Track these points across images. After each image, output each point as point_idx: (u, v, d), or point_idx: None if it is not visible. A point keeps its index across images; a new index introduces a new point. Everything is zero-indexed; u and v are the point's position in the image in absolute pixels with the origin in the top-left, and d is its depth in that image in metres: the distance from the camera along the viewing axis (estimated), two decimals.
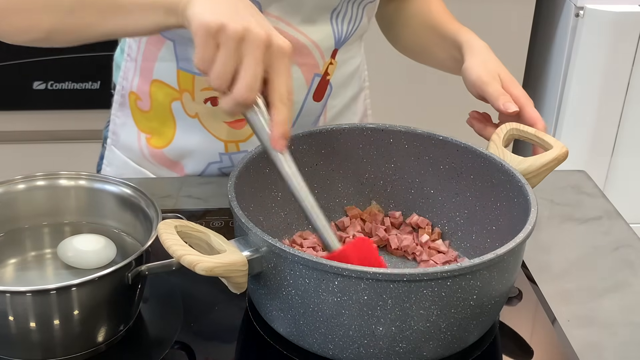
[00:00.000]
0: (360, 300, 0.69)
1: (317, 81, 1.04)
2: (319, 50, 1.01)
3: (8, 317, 0.71)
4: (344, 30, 1.03)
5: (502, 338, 0.81)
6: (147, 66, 1.05)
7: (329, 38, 1.02)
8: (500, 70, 0.97)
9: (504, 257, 0.71)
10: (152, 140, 1.08)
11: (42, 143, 2.11)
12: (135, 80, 1.07)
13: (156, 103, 1.06)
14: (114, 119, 1.12)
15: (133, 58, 1.07)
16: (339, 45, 1.04)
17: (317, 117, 1.08)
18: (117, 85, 1.11)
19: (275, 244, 0.70)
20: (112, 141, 1.13)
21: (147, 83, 1.06)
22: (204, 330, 0.81)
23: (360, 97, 1.15)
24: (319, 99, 1.06)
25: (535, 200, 0.79)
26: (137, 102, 1.08)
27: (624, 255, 0.97)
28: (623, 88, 2.10)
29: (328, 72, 1.05)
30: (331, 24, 1.01)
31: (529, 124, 0.93)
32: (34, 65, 1.97)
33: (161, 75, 1.04)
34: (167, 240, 0.70)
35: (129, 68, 1.08)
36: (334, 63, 1.05)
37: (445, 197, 0.92)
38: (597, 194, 1.10)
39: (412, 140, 0.92)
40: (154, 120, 1.07)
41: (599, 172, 2.19)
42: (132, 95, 1.08)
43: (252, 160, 0.85)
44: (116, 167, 1.14)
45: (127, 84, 1.08)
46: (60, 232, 0.86)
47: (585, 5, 2.05)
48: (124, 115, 1.10)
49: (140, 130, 1.09)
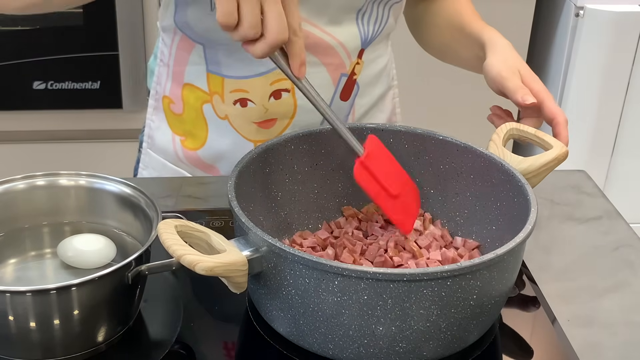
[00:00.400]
0: (360, 300, 0.69)
1: (344, 81, 1.05)
2: (345, 51, 1.03)
3: (8, 316, 0.71)
4: (370, 31, 1.04)
5: (502, 338, 0.81)
6: (179, 70, 1.07)
7: (355, 38, 1.03)
8: (521, 66, 0.98)
9: (504, 257, 0.71)
10: (187, 142, 1.10)
11: (42, 143, 2.11)
12: (168, 84, 1.09)
13: (188, 106, 1.07)
14: (149, 123, 1.14)
15: (165, 63, 1.08)
16: (366, 45, 1.05)
17: (346, 116, 1.09)
18: (151, 90, 1.13)
19: (275, 244, 0.70)
20: (148, 145, 1.15)
21: (179, 87, 1.07)
22: (204, 330, 0.81)
23: (389, 96, 1.16)
24: (346, 98, 1.07)
25: (535, 200, 0.79)
26: (171, 105, 1.09)
27: (624, 255, 0.97)
28: (623, 88, 2.10)
29: (355, 72, 1.06)
30: (357, 24, 1.02)
31: (549, 118, 0.93)
32: (34, 65, 1.98)
33: (192, 79, 1.06)
34: (167, 240, 0.70)
35: (161, 73, 1.10)
36: (360, 63, 1.06)
37: (445, 197, 0.92)
38: (597, 194, 1.10)
39: (412, 140, 0.92)
40: (187, 123, 1.09)
41: (599, 172, 2.19)
42: (165, 100, 1.10)
43: (252, 160, 0.85)
44: (152, 170, 1.15)
45: (161, 89, 1.10)
46: (60, 231, 0.86)
47: (585, 5, 2.05)
48: (159, 119, 1.12)
49: (174, 133, 1.11)
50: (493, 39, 1.02)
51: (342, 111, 1.08)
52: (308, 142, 0.91)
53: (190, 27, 1.02)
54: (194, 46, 1.03)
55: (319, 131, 0.91)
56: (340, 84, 1.05)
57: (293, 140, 0.90)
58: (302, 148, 0.90)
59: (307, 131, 0.91)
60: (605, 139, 2.16)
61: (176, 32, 1.05)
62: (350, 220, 0.93)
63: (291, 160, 0.90)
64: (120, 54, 1.99)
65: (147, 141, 1.14)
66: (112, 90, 2.03)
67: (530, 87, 0.95)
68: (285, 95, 1.03)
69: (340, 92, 1.06)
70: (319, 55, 1.01)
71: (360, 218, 0.93)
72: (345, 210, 0.94)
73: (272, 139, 0.89)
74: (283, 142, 0.89)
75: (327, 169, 0.93)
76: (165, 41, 1.08)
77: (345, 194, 0.94)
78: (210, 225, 0.96)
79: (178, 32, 1.04)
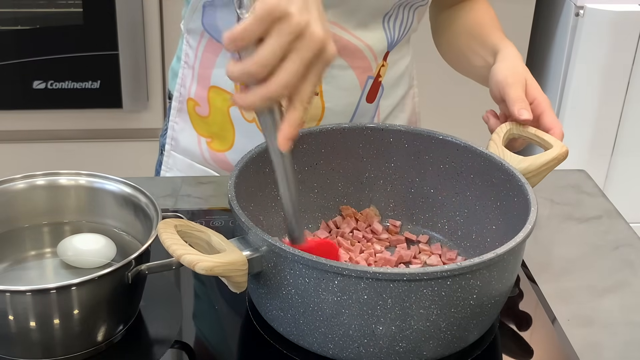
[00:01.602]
0: (360, 299, 0.69)
1: (370, 83, 1.06)
2: (372, 53, 1.03)
3: (8, 316, 0.71)
4: (395, 33, 1.05)
5: (502, 337, 0.81)
6: (205, 73, 1.06)
7: (382, 41, 1.03)
8: (528, 76, 0.98)
9: (504, 257, 0.71)
10: (213, 144, 1.09)
11: (42, 142, 2.11)
12: (193, 87, 1.08)
13: (214, 109, 1.07)
14: (172, 126, 1.13)
15: (190, 65, 1.08)
16: (391, 48, 1.06)
17: (371, 117, 1.09)
18: (174, 92, 1.11)
19: (275, 244, 0.70)
20: (172, 147, 1.14)
21: (205, 89, 1.07)
22: (203, 329, 0.81)
23: (409, 95, 1.17)
24: (371, 100, 1.07)
25: (535, 199, 0.79)
26: (196, 108, 1.09)
27: (624, 254, 0.97)
28: (623, 87, 2.10)
29: (380, 74, 1.06)
30: (383, 28, 1.03)
31: (547, 129, 0.93)
32: (34, 64, 1.98)
33: (219, 82, 1.05)
34: (167, 239, 0.70)
35: (186, 75, 1.09)
36: (385, 65, 1.06)
37: (445, 197, 0.92)
38: (597, 194, 1.10)
39: (412, 140, 0.92)
40: (213, 125, 1.08)
41: (599, 171, 2.19)
42: (190, 102, 1.09)
43: (252, 159, 0.85)
44: (178, 171, 1.14)
45: (185, 91, 1.09)
46: (60, 231, 0.86)
47: (586, 5, 2.05)
48: (183, 121, 1.11)
49: (200, 134, 1.10)
50: (507, 48, 1.03)
51: (368, 113, 1.08)
52: (308, 142, 0.91)
53: (219, 30, 1.01)
54: (221, 49, 1.03)
55: (319, 131, 0.91)
56: (367, 86, 1.05)
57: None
58: (302, 148, 0.90)
59: (306, 131, 0.90)
60: (605, 139, 2.16)
61: (203, 34, 1.04)
62: (348, 219, 0.93)
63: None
64: (120, 53, 1.99)
65: (171, 143, 1.13)
66: (112, 89, 2.03)
67: (534, 96, 0.95)
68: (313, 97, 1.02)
69: (366, 94, 1.06)
70: (347, 58, 1.02)
71: (358, 218, 0.93)
72: (344, 210, 0.94)
73: None
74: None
75: (327, 169, 0.93)
76: (190, 43, 1.07)
77: (345, 194, 0.94)
78: (210, 224, 0.96)
79: (205, 35, 1.04)
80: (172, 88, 1.13)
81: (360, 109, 1.06)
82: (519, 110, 0.93)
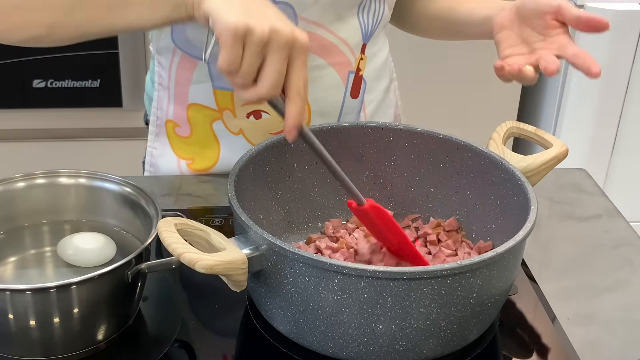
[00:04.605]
0: (360, 298, 0.69)
1: (352, 78, 1.05)
2: (348, 47, 1.03)
3: (8, 315, 0.71)
4: (369, 24, 1.04)
5: (502, 336, 0.81)
6: (182, 92, 1.04)
7: (356, 33, 1.03)
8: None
9: (504, 256, 0.71)
10: (194, 164, 1.08)
11: (42, 141, 2.11)
12: (170, 108, 1.06)
13: (196, 127, 1.05)
14: (150, 151, 1.10)
15: (165, 86, 1.06)
16: (367, 40, 1.05)
17: (357, 113, 1.09)
18: (150, 116, 1.09)
19: (275, 242, 0.70)
20: (151, 173, 1.12)
21: (183, 108, 1.05)
22: (203, 328, 0.81)
23: (391, 89, 1.17)
24: (355, 95, 1.07)
25: (535, 198, 0.79)
26: (176, 129, 1.07)
27: (624, 253, 0.97)
28: (623, 86, 2.10)
29: (360, 68, 1.06)
30: (358, 19, 1.03)
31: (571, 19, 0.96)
32: (33, 63, 1.97)
33: (197, 98, 1.03)
34: (167, 238, 0.70)
35: (162, 97, 1.07)
36: (364, 58, 1.06)
37: (445, 195, 0.92)
38: (597, 192, 1.10)
39: (412, 139, 0.92)
40: (195, 145, 1.07)
41: (599, 170, 2.18)
42: (169, 124, 1.07)
43: (252, 158, 0.85)
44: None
45: (163, 114, 1.07)
46: (60, 230, 0.86)
47: (586, 4, 2.04)
48: (161, 146, 1.09)
49: (179, 157, 1.08)
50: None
51: (353, 109, 1.08)
52: None
53: (191, 44, 1.00)
54: (196, 64, 1.01)
55: (319, 129, 0.91)
56: (349, 81, 1.05)
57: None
58: (302, 146, 0.90)
59: None
60: (605, 137, 2.16)
61: (175, 52, 1.02)
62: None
63: (291, 158, 0.90)
64: (120, 52, 1.98)
65: (150, 170, 1.11)
66: (112, 88, 2.02)
67: None
68: None
69: (350, 90, 1.06)
70: (325, 57, 1.02)
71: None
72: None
73: (271, 138, 0.89)
74: (283, 140, 0.88)
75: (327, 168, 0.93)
76: (162, 64, 1.05)
77: (346, 192, 0.94)
78: (210, 223, 0.96)
79: (178, 52, 1.02)
80: (148, 112, 1.11)
81: (345, 106, 1.06)
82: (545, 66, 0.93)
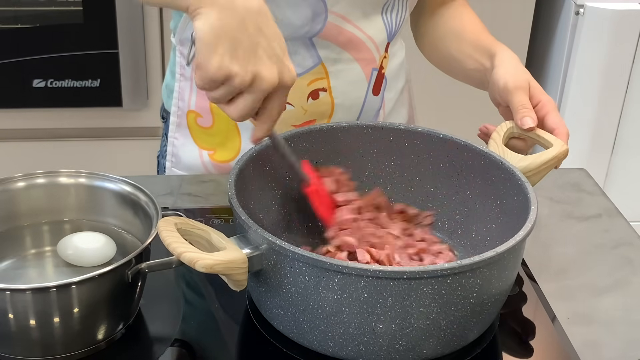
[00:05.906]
0: (360, 297, 0.69)
1: (375, 75, 1.06)
2: (374, 45, 1.04)
3: (8, 314, 0.71)
4: (393, 24, 1.06)
5: (502, 336, 0.81)
6: None
7: (382, 32, 1.04)
8: (530, 79, 0.97)
9: (504, 255, 0.71)
10: (216, 155, 1.09)
11: (42, 141, 2.11)
12: (192, 98, 1.07)
13: (218, 117, 1.06)
14: (172, 142, 1.11)
15: (187, 77, 1.07)
16: (391, 39, 1.07)
17: (377, 111, 1.10)
18: (171, 108, 1.10)
19: (275, 241, 0.70)
20: (173, 164, 1.12)
21: (205, 99, 1.05)
22: (203, 327, 0.81)
23: (406, 89, 1.18)
24: (377, 92, 1.08)
25: (535, 198, 0.79)
26: (198, 119, 1.08)
27: (624, 253, 0.97)
28: (623, 86, 2.10)
29: (382, 66, 1.07)
30: (382, 18, 1.04)
31: (551, 129, 0.93)
32: (33, 63, 1.97)
33: None
34: (167, 237, 0.70)
35: (184, 88, 1.08)
36: (387, 57, 1.07)
37: (445, 195, 0.92)
38: (597, 192, 1.10)
39: (412, 138, 0.92)
40: (217, 135, 1.08)
41: (599, 170, 2.19)
42: (191, 114, 1.08)
43: (252, 158, 0.85)
44: None
45: (184, 104, 1.08)
46: (60, 229, 0.86)
47: (585, 4, 2.04)
48: (183, 136, 1.10)
49: (201, 147, 1.09)
50: (503, 51, 1.02)
51: (374, 106, 1.08)
52: (308, 140, 0.91)
53: None
54: None
55: (319, 129, 0.91)
56: (372, 78, 1.06)
57: (293, 138, 0.90)
58: (302, 146, 0.90)
59: (307, 129, 0.91)
60: (605, 137, 2.16)
61: None
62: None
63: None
64: (120, 52, 1.99)
65: (172, 160, 1.12)
66: (112, 88, 2.02)
67: (538, 98, 0.95)
68: (322, 94, 1.03)
69: (372, 86, 1.07)
70: (352, 52, 1.02)
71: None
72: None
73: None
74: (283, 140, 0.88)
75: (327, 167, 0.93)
76: (184, 54, 1.06)
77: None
78: (210, 223, 0.96)
79: None
80: (168, 106, 1.12)
81: (367, 102, 1.07)
82: (521, 119, 0.92)
